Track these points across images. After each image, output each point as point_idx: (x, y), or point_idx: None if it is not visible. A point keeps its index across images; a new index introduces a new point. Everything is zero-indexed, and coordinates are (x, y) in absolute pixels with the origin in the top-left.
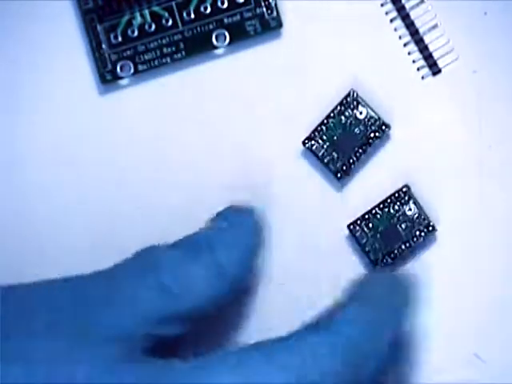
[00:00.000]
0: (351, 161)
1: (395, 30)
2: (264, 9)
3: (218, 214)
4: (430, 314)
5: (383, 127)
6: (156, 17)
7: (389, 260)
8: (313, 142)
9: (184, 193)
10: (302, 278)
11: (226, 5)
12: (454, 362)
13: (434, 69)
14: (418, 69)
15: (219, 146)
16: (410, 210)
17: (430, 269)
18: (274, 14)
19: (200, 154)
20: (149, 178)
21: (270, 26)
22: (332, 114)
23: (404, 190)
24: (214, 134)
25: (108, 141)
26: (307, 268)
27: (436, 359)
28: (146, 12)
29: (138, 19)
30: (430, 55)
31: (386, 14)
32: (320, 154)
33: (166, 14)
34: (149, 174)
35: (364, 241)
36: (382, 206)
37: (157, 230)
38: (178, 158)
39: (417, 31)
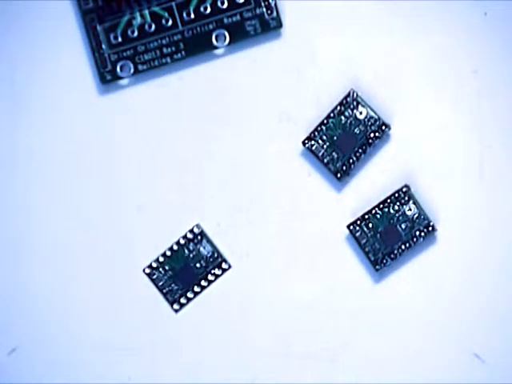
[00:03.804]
0: (351, 161)
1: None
2: (264, 9)
3: None
4: (430, 314)
5: (383, 127)
6: (156, 17)
7: (389, 260)
8: (313, 142)
9: (183, 192)
10: (302, 278)
11: (225, 5)
12: (454, 362)
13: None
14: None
15: (219, 146)
16: (410, 210)
17: (429, 269)
18: (274, 14)
19: (199, 153)
20: (148, 177)
21: (269, 26)
22: (332, 114)
23: (404, 190)
24: (214, 133)
25: (108, 140)
26: (307, 268)
27: (436, 359)
28: (146, 12)
29: (138, 19)
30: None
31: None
32: (320, 154)
33: (166, 14)
34: (148, 173)
35: (364, 241)
36: (381, 206)
37: (155, 228)
38: (178, 158)
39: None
